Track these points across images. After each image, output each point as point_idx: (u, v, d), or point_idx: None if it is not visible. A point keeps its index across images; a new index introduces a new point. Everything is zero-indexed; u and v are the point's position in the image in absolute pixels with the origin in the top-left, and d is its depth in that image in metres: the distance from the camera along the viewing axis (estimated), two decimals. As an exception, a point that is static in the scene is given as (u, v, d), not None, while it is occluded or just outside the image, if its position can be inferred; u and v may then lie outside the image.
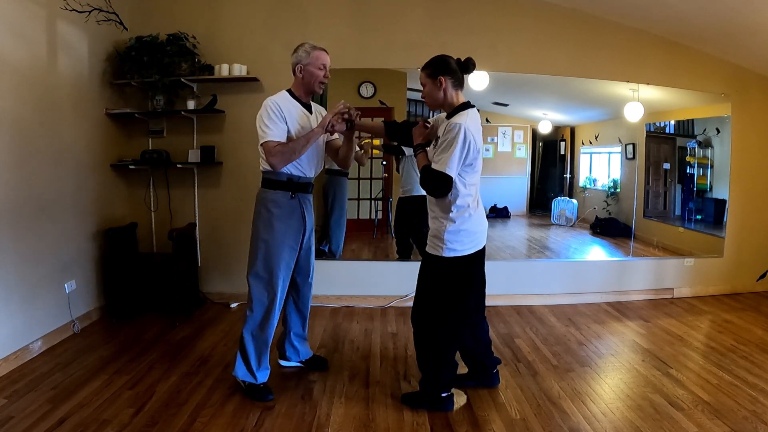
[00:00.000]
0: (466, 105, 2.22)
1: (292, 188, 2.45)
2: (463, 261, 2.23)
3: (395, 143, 4.03)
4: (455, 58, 2.25)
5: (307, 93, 2.50)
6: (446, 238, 2.19)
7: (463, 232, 2.20)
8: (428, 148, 2.28)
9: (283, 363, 2.80)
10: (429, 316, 2.29)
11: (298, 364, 2.79)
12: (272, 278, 2.42)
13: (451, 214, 2.19)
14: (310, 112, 2.52)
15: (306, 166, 2.48)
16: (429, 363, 2.33)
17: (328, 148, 2.66)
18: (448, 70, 2.20)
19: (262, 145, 2.34)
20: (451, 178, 2.10)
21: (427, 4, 3.89)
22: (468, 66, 2.24)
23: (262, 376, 2.48)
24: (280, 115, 2.34)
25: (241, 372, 2.47)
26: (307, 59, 2.41)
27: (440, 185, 2.12)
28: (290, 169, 2.42)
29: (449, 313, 2.26)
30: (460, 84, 2.24)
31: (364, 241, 4.27)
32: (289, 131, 2.37)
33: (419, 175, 2.22)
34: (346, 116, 2.42)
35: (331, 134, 2.44)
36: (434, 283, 2.28)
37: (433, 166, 2.13)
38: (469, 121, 2.12)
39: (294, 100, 2.46)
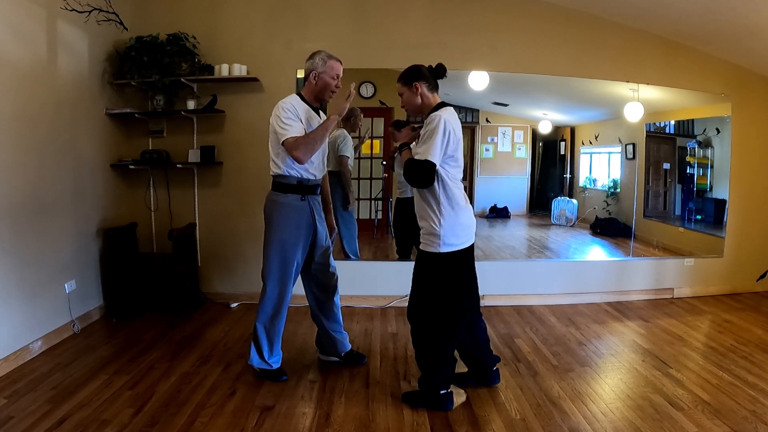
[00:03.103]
0: (443, 104, 2.32)
1: (302, 191, 2.54)
2: (459, 256, 2.28)
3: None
4: (427, 65, 2.37)
5: (316, 99, 2.60)
6: (442, 233, 2.23)
7: (457, 225, 2.26)
8: (411, 146, 2.35)
9: (322, 357, 2.91)
10: (426, 312, 2.32)
11: (336, 359, 2.87)
12: (284, 277, 2.57)
13: (443, 209, 2.24)
14: (320, 117, 2.63)
15: (315, 168, 2.58)
16: (427, 360, 2.35)
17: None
18: (421, 75, 2.32)
19: (283, 143, 2.41)
20: (434, 165, 2.15)
21: (427, 4, 3.89)
22: (439, 71, 2.36)
23: (275, 362, 2.66)
24: (297, 115, 2.44)
25: (255, 360, 2.64)
26: (323, 68, 2.50)
27: (424, 173, 2.16)
28: (300, 171, 2.52)
29: (446, 308, 2.29)
30: (434, 88, 2.35)
31: (364, 241, 4.26)
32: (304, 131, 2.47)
33: (403, 169, 2.27)
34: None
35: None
36: (431, 279, 2.31)
37: (416, 156, 2.19)
38: (447, 114, 2.22)
39: (305, 104, 2.55)
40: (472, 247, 2.37)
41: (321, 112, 2.68)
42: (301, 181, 2.53)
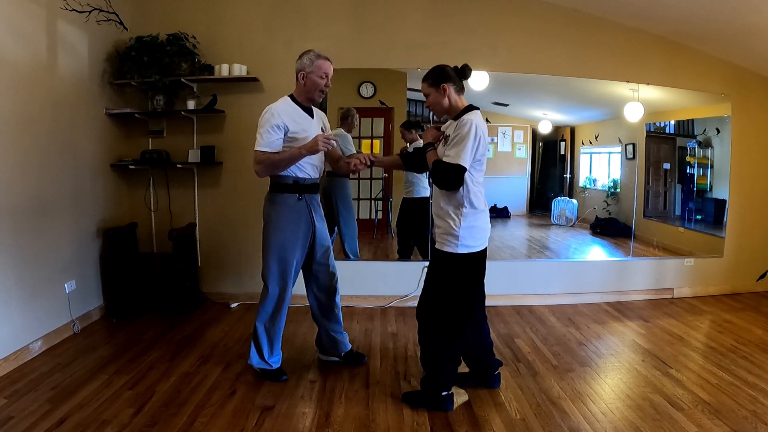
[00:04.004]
0: (472, 107, 2.30)
1: (299, 190, 2.54)
2: (475, 257, 2.29)
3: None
4: (452, 66, 2.34)
5: (308, 99, 2.58)
6: (461, 234, 2.23)
7: (476, 228, 2.26)
8: (437, 145, 2.34)
9: (322, 357, 2.91)
10: (438, 311, 2.31)
11: (336, 359, 2.87)
12: (284, 277, 2.57)
13: (465, 211, 2.23)
14: (312, 117, 2.60)
15: (309, 169, 2.57)
16: (432, 359, 2.35)
17: (327, 156, 2.74)
18: (449, 77, 2.29)
19: (255, 151, 2.43)
20: (465, 169, 2.16)
21: (427, 4, 3.89)
22: (465, 72, 2.34)
23: (275, 362, 2.66)
24: (277, 125, 2.42)
25: (255, 360, 2.64)
26: (311, 67, 2.48)
27: (453, 177, 2.16)
28: (295, 171, 2.52)
29: (456, 308, 2.29)
30: (461, 89, 2.34)
31: (364, 241, 4.26)
32: (291, 134, 2.46)
33: (430, 170, 2.27)
34: (366, 162, 2.56)
35: (353, 172, 2.65)
36: (444, 278, 2.30)
37: (446, 159, 2.18)
38: (478, 119, 2.23)
39: (296, 105, 2.54)
40: (485, 250, 2.38)
41: (317, 111, 2.67)
42: (297, 181, 2.53)
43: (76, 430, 2.13)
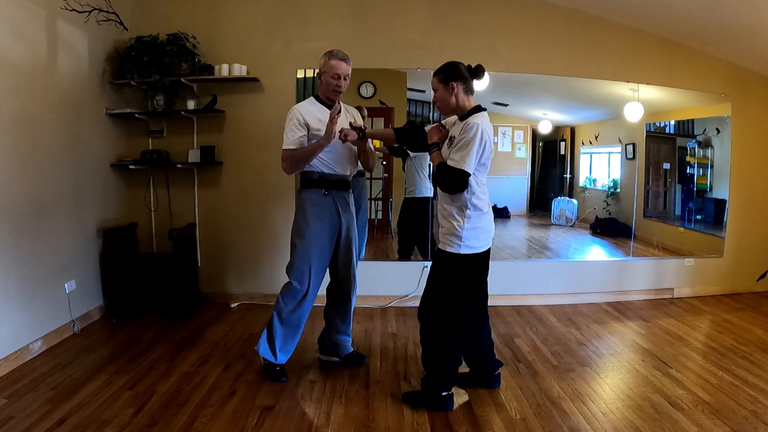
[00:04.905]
0: (480, 108, 2.30)
1: (325, 185, 2.57)
2: (478, 258, 2.30)
3: (402, 147, 4.03)
4: (465, 64, 2.31)
5: (328, 98, 2.60)
6: (464, 235, 2.24)
7: (480, 229, 2.27)
8: (443, 148, 2.34)
9: (322, 357, 2.89)
10: (440, 311, 2.31)
11: (336, 359, 2.86)
12: (306, 274, 2.57)
13: (468, 212, 2.24)
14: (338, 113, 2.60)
15: (335, 165, 2.58)
16: (433, 359, 2.35)
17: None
18: (460, 76, 2.27)
19: (282, 150, 2.49)
20: (469, 174, 2.16)
21: (426, 4, 3.89)
22: (478, 72, 2.31)
23: (282, 358, 2.64)
24: (299, 124, 2.47)
25: (263, 348, 2.62)
26: (324, 68, 2.53)
27: (457, 182, 2.16)
28: (320, 167, 2.55)
29: (457, 308, 2.29)
30: (470, 90, 2.32)
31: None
32: (314, 131, 2.49)
33: (435, 172, 2.26)
34: (356, 127, 2.49)
35: (344, 142, 2.52)
36: (446, 278, 2.30)
37: (450, 163, 2.18)
38: (485, 122, 2.22)
39: (319, 104, 2.58)
40: (488, 250, 2.39)
41: (346, 106, 2.68)
42: (324, 176, 2.56)
43: (76, 430, 2.13)
